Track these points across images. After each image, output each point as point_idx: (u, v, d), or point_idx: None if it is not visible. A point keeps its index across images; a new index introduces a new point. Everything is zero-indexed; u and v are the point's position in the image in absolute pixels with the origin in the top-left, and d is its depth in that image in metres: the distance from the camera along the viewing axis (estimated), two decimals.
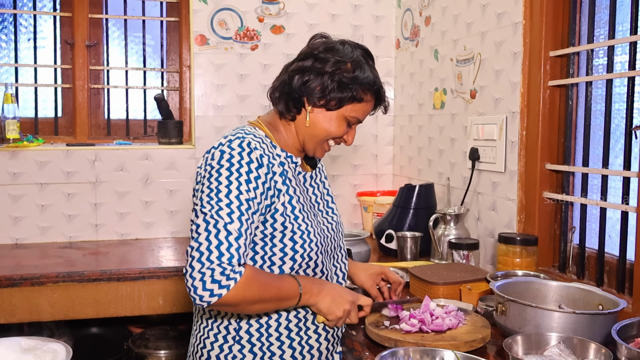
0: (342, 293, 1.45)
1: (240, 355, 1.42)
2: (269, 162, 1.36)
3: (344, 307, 1.43)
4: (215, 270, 1.22)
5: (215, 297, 1.22)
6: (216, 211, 1.27)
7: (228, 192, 1.29)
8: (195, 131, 2.94)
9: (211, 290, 1.21)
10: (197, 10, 2.90)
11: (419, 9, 2.83)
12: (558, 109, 2.00)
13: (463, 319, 1.52)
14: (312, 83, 1.42)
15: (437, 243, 2.28)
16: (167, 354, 2.53)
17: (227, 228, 1.26)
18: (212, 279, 1.21)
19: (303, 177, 1.53)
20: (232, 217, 1.27)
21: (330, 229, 1.52)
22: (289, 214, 1.39)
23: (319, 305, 1.42)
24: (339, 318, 1.44)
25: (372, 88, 1.46)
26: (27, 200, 2.73)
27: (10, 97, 2.70)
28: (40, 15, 2.93)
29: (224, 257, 1.23)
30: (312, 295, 1.40)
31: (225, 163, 1.32)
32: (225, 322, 1.44)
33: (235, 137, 1.36)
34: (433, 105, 2.72)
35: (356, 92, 1.43)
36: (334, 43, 1.47)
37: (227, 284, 1.22)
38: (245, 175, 1.31)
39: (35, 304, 2.20)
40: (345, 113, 1.45)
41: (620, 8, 1.78)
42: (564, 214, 1.99)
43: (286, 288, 1.35)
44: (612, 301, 1.44)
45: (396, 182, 3.11)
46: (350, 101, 1.44)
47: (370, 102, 1.48)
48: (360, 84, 1.43)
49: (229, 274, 1.22)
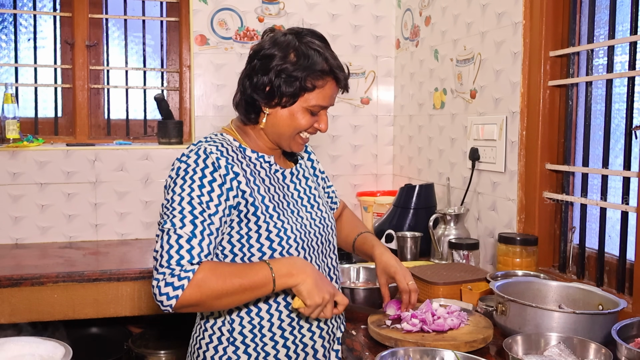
0: (325, 281, 1.37)
1: (234, 356, 1.42)
2: (227, 164, 1.37)
3: (324, 295, 1.33)
4: (165, 274, 1.24)
5: (173, 299, 1.23)
6: (170, 219, 1.30)
7: (180, 199, 1.31)
8: (195, 131, 2.94)
9: (167, 294, 1.23)
10: (197, 10, 2.90)
11: (419, 9, 2.83)
12: (558, 109, 2.00)
13: (465, 319, 1.52)
14: (260, 83, 1.40)
15: (437, 243, 2.29)
16: (167, 354, 2.53)
17: (177, 232, 1.27)
18: (165, 283, 1.23)
19: (282, 174, 1.51)
20: (183, 222, 1.28)
21: (315, 224, 1.50)
22: (263, 213, 1.39)
23: (299, 287, 1.32)
24: (317, 305, 1.33)
25: (324, 72, 1.40)
26: (27, 200, 2.73)
27: (10, 97, 2.70)
28: (40, 15, 2.93)
29: (173, 259, 1.25)
30: (290, 276, 1.32)
31: (181, 172, 1.34)
32: (219, 323, 1.44)
33: (195, 147, 1.39)
34: (433, 105, 2.72)
35: (305, 82, 1.38)
36: (278, 36, 1.43)
37: (180, 284, 1.23)
38: (199, 181, 1.32)
39: (35, 304, 2.20)
40: (303, 105, 1.41)
41: (620, 8, 1.78)
42: (564, 214, 1.99)
43: (253, 275, 1.29)
44: (612, 301, 1.44)
45: (396, 182, 3.11)
46: (302, 92, 1.40)
47: (328, 85, 1.42)
48: (308, 72, 1.38)
49: (179, 274, 1.24)
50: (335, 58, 1.44)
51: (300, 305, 1.34)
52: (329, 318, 1.40)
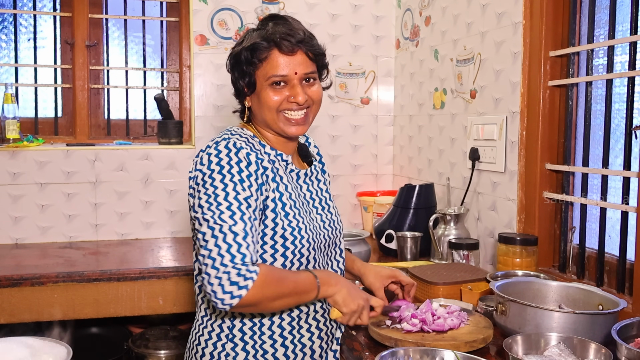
0: (357, 289, 1.45)
1: (233, 353, 1.42)
2: (257, 159, 1.37)
3: (359, 301, 1.41)
4: (231, 273, 1.23)
5: (236, 298, 1.22)
6: (218, 216, 1.28)
7: (225, 194, 1.30)
8: (195, 131, 2.94)
9: (231, 292, 1.22)
10: (197, 10, 2.90)
11: (419, 9, 2.83)
12: (558, 109, 2.00)
13: (466, 319, 1.52)
14: (232, 83, 1.49)
15: (437, 243, 2.29)
16: (167, 354, 2.53)
17: (233, 230, 1.27)
18: (230, 282, 1.22)
19: (296, 174, 1.52)
20: (234, 219, 1.28)
21: (325, 225, 1.51)
22: (279, 211, 1.40)
23: (336, 297, 1.39)
24: (354, 312, 1.40)
25: (262, 44, 1.39)
26: (27, 200, 2.73)
27: (10, 97, 2.70)
28: (40, 15, 2.93)
29: (237, 258, 1.24)
30: (330, 285, 1.38)
31: (215, 167, 1.33)
32: (219, 321, 1.44)
33: (221, 139, 1.38)
34: (433, 105, 2.72)
35: (251, 59, 1.40)
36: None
37: (245, 284, 1.23)
38: (238, 175, 1.32)
39: (35, 304, 2.20)
40: (263, 83, 1.42)
41: (620, 8, 1.78)
42: (564, 214, 1.99)
43: (302, 281, 1.35)
44: (612, 301, 1.44)
45: (396, 182, 3.11)
46: (254, 72, 1.42)
47: (273, 54, 1.40)
48: (251, 50, 1.40)
49: (245, 274, 1.23)
50: (278, 28, 1.42)
51: (337, 315, 1.42)
52: (366, 324, 1.46)
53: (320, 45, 1.48)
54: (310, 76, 1.45)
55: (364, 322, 1.44)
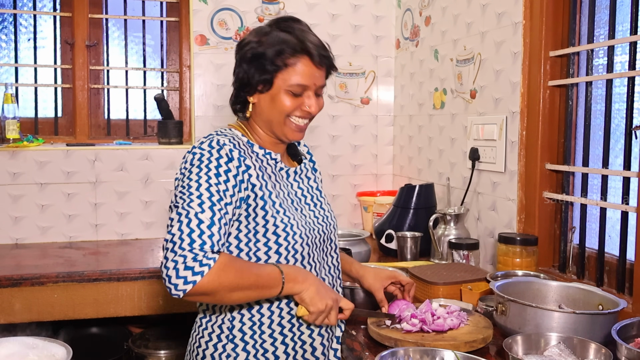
0: (326, 288, 1.41)
1: (233, 353, 1.42)
2: (240, 156, 1.38)
3: (327, 301, 1.37)
4: (187, 257, 1.21)
5: (190, 284, 1.20)
6: (187, 203, 1.28)
7: (198, 186, 1.31)
8: (195, 131, 2.94)
9: (185, 277, 1.20)
10: (197, 10, 2.90)
11: (419, 9, 2.83)
12: (558, 109, 2.00)
13: (465, 319, 1.53)
14: (239, 75, 1.45)
15: (437, 243, 2.28)
16: (167, 354, 2.53)
17: (199, 217, 1.26)
18: (185, 266, 1.21)
19: (286, 172, 1.53)
20: (203, 207, 1.28)
21: (318, 222, 1.52)
22: (270, 208, 1.40)
23: (302, 295, 1.36)
24: (321, 311, 1.37)
25: (294, 48, 1.38)
26: (27, 200, 2.73)
27: (10, 97, 2.70)
28: (40, 15, 2.93)
29: (196, 243, 1.23)
30: (296, 283, 1.35)
31: (196, 162, 1.34)
32: (218, 321, 1.44)
33: (207, 139, 1.40)
34: (433, 105, 2.72)
35: (276, 61, 1.38)
36: (257, 27, 1.47)
37: (200, 270, 1.21)
38: (215, 170, 1.33)
39: (35, 304, 2.20)
40: (282, 86, 1.41)
41: (620, 8, 1.78)
42: (564, 214, 1.99)
43: (266, 275, 1.32)
44: (612, 301, 1.44)
45: (396, 182, 3.11)
46: (276, 73, 1.40)
47: (302, 62, 1.40)
48: (276, 51, 1.38)
49: (202, 260, 1.22)
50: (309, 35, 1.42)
51: (304, 313, 1.38)
52: (333, 324, 1.43)
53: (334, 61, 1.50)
54: (322, 89, 1.48)
55: (331, 322, 1.41)
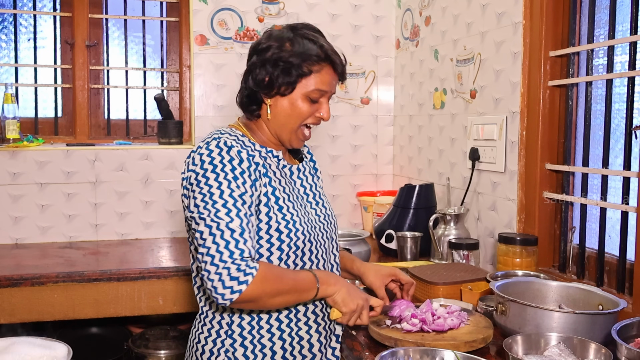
0: (356, 289, 1.47)
1: (232, 349, 1.43)
2: (249, 155, 1.39)
3: (358, 301, 1.43)
4: (231, 269, 1.25)
5: (236, 293, 1.25)
6: (215, 214, 1.30)
7: (220, 192, 1.32)
8: (195, 131, 2.94)
9: (231, 287, 1.24)
10: (197, 10, 2.90)
11: (419, 9, 2.83)
12: (558, 109, 2.00)
13: (466, 319, 1.53)
14: (260, 76, 1.44)
15: (437, 243, 2.28)
16: (167, 354, 2.53)
17: (229, 226, 1.28)
18: (230, 277, 1.25)
19: (289, 169, 1.54)
20: (230, 216, 1.30)
21: (319, 220, 1.53)
22: (273, 205, 1.41)
23: (335, 297, 1.42)
24: (353, 311, 1.43)
25: (319, 56, 1.43)
26: (27, 200, 2.73)
27: (10, 97, 2.70)
28: (40, 15, 2.93)
29: (235, 254, 1.26)
30: (329, 285, 1.41)
31: (208, 166, 1.35)
32: (217, 317, 1.45)
33: (211, 139, 1.40)
34: (433, 105, 2.72)
35: (301, 68, 1.42)
36: (273, 31, 1.48)
37: (245, 279, 1.25)
38: (231, 173, 1.34)
39: (35, 304, 2.20)
40: (303, 92, 1.44)
41: (620, 8, 1.78)
42: (564, 214, 1.99)
43: (302, 279, 1.38)
44: (612, 301, 1.44)
45: (396, 182, 3.11)
46: (299, 78, 1.43)
47: (325, 70, 1.44)
48: (302, 57, 1.41)
49: (245, 270, 1.26)
50: (330, 45, 1.47)
51: (337, 315, 1.44)
52: (366, 324, 1.48)
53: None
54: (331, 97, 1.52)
55: (363, 322, 1.46)
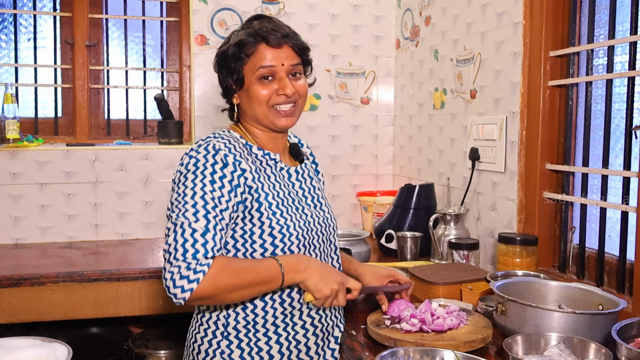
0: (330, 272, 1.43)
1: (228, 350, 1.44)
2: (235, 160, 1.39)
3: (332, 286, 1.40)
4: (181, 267, 1.27)
5: (187, 292, 1.26)
6: (182, 213, 1.32)
7: (193, 194, 1.34)
8: (195, 131, 2.94)
9: (182, 286, 1.26)
10: (197, 10, 2.90)
11: (419, 9, 2.83)
12: (558, 109, 2.00)
13: (465, 319, 1.53)
14: (219, 83, 1.52)
15: (437, 243, 2.28)
16: (167, 354, 2.53)
17: (192, 226, 1.30)
18: (180, 276, 1.26)
19: (287, 172, 1.54)
20: (197, 216, 1.31)
21: (318, 222, 1.52)
22: (267, 210, 1.42)
23: (306, 282, 1.39)
24: (327, 297, 1.40)
25: (249, 39, 1.44)
26: (27, 200, 2.73)
27: (10, 97, 2.70)
28: (40, 15, 2.93)
29: (188, 253, 1.28)
30: (297, 272, 1.38)
31: (191, 167, 1.37)
32: (214, 318, 1.46)
33: (204, 142, 1.42)
34: (433, 105, 2.72)
35: (239, 55, 1.45)
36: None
37: (195, 277, 1.26)
38: (210, 176, 1.35)
39: (35, 304, 2.20)
40: (252, 77, 1.46)
41: (620, 8, 1.78)
42: (564, 214, 1.99)
43: (264, 270, 1.36)
44: (612, 301, 1.44)
45: (396, 182, 3.11)
46: (242, 67, 1.46)
47: (260, 48, 1.45)
48: (237, 46, 1.45)
49: (195, 268, 1.27)
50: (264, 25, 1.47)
51: (310, 299, 1.42)
52: (343, 305, 1.46)
53: (304, 41, 1.53)
54: (296, 70, 1.49)
55: (340, 304, 1.44)
